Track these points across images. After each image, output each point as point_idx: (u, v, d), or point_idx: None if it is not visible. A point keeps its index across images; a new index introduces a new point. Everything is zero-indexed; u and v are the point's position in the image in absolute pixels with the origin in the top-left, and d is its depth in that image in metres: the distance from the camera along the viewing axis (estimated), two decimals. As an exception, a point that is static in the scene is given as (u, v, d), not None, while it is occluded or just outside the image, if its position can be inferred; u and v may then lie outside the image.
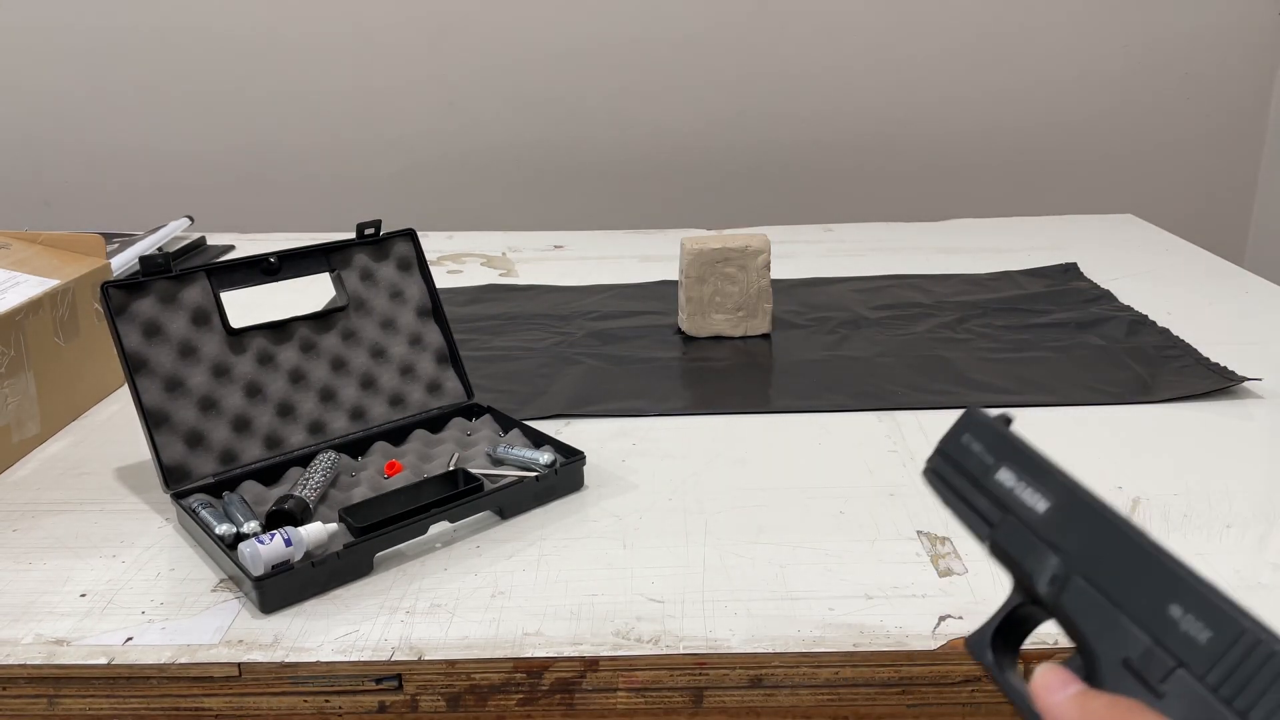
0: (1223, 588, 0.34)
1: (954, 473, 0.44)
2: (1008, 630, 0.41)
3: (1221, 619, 0.33)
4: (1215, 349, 1.01)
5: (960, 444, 0.44)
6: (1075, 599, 0.38)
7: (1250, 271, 1.31)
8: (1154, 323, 1.10)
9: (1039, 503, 0.40)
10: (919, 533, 0.71)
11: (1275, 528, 0.71)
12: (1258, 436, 0.85)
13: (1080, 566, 0.38)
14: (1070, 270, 1.30)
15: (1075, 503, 0.39)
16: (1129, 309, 1.14)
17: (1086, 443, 0.85)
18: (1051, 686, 0.36)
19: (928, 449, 0.83)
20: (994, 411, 0.43)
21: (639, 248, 1.46)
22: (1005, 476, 0.41)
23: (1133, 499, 0.75)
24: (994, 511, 0.42)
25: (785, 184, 1.87)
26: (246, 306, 0.84)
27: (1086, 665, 0.37)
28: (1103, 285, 1.24)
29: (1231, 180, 1.90)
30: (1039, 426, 0.88)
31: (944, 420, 0.90)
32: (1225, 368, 0.96)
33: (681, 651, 0.60)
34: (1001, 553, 0.41)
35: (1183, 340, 1.04)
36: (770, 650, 0.60)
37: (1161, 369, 0.98)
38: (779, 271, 1.27)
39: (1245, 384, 0.93)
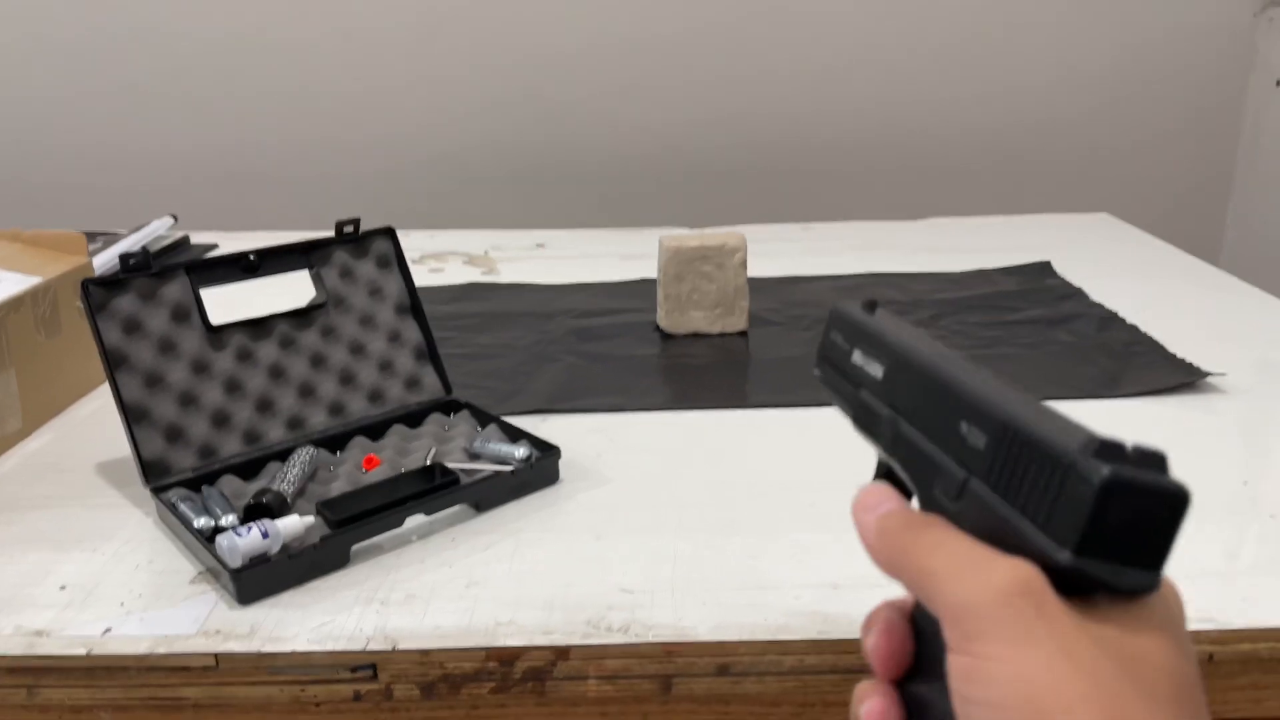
0: (1007, 390, 0.35)
1: (829, 369, 0.46)
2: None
3: (991, 420, 0.34)
4: (1184, 345, 1.03)
5: (828, 340, 0.46)
6: (902, 446, 0.39)
7: (1226, 271, 1.33)
8: (1123, 319, 1.12)
9: (878, 371, 0.42)
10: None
11: (1230, 518, 0.73)
12: (1220, 430, 0.87)
13: (904, 415, 0.39)
14: (1044, 268, 1.32)
15: (899, 359, 0.40)
16: (1100, 306, 1.16)
17: (1053, 437, 0.86)
18: (865, 505, 0.37)
19: (897, 443, 0.84)
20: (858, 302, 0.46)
21: (620, 246, 1.47)
22: (856, 356, 0.44)
23: (1095, 491, 0.77)
24: (852, 392, 0.44)
25: (765, 184, 1.88)
26: (226, 304, 0.85)
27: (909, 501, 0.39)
28: (1076, 283, 1.25)
29: (1207, 180, 1.92)
30: (1008, 421, 0.90)
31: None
32: (1190, 363, 0.98)
33: (650, 640, 0.61)
34: (860, 426, 0.43)
35: (1150, 337, 1.06)
36: (737, 638, 0.61)
37: (1129, 364, 0.99)
38: (758, 270, 1.28)
39: (1210, 379, 0.95)
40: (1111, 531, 0.29)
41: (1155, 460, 0.30)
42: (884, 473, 0.42)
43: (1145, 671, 0.29)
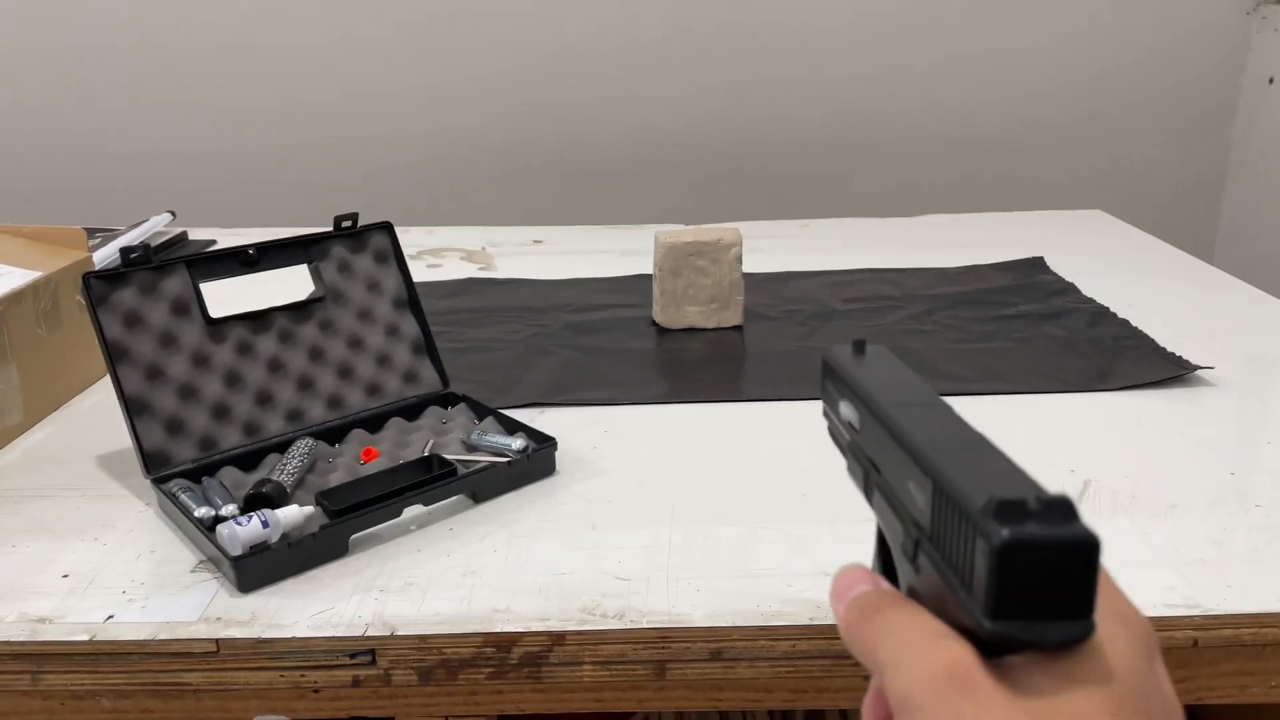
0: (958, 438, 0.33)
1: (829, 419, 0.45)
2: (883, 547, 0.41)
3: (924, 479, 0.33)
4: (1173, 340, 1.04)
5: (824, 388, 0.45)
6: (878, 501, 0.38)
7: (1219, 268, 1.34)
8: (1115, 314, 1.13)
9: (857, 422, 0.41)
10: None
11: (1216, 507, 0.74)
12: (1206, 422, 0.88)
13: (878, 470, 0.38)
14: (1037, 264, 1.33)
15: (869, 409, 0.39)
16: (1091, 301, 1.17)
17: (1044, 429, 0.87)
18: (836, 593, 0.36)
19: (890, 435, 0.85)
20: (845, 345, 0.44)
21: (617, 242, 1.48)
22: (843, 407, 0.42)
23: (1084, 481, 0.78)
24: (845, 443, 0.43)
25: (762, 181, 1.90)
26: (226, 297, 0.86)
27: (884, 562, 0.38)
28: (1068, 279, 1.27)
29: (1200, 177, 1.93)
30: (1000, 414, 0.91)
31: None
32: (1179, 357, 0.99)
33: (645, 626, 0.62)
34: (853, 480, 0.42)
35: (1141, 331, 1.07)
36: (730, 624, 0.62)
37: (1119, 359, 1.01)
38: (754, 265, 1.30)
39: (1198, 373, 0.96)
40: (1022, 592, 0.29)
41: (1060, 509, 0.29)
42: (880, 536, 0.41)
43: None
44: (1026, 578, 0.28)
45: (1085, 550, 0.29)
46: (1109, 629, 0.30)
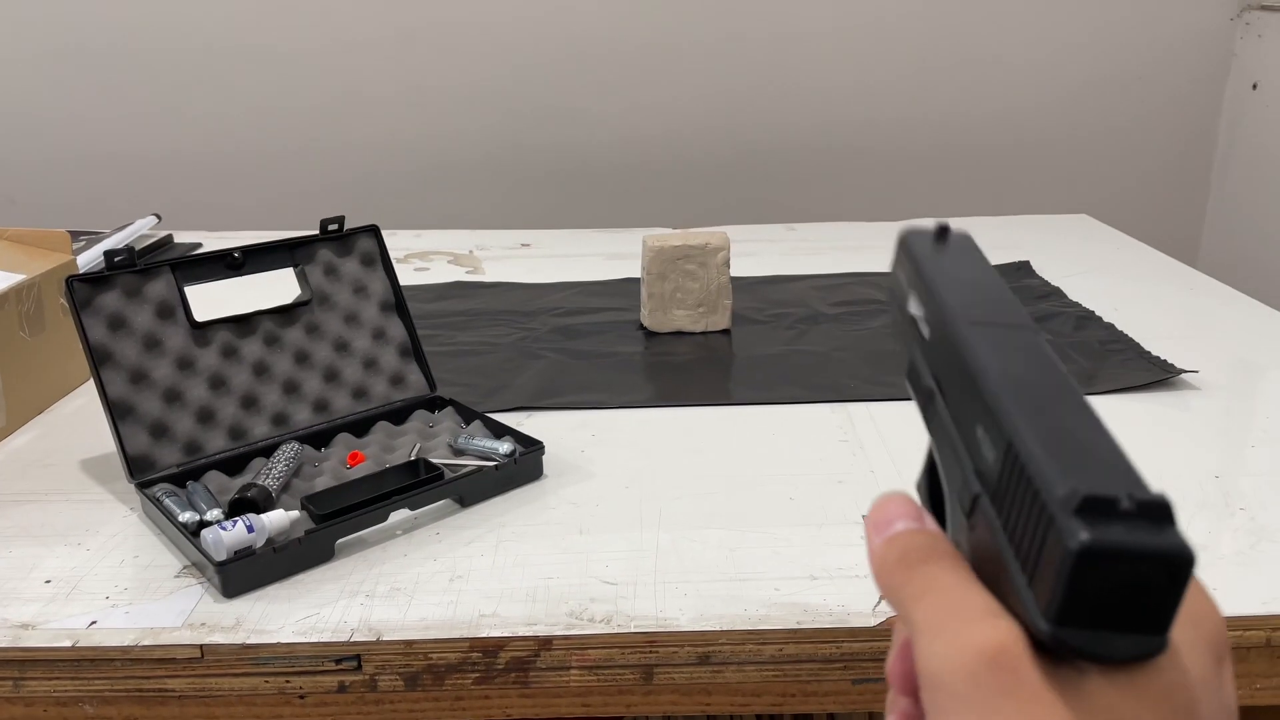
0: (1046, 387, 0.29)
1: (896, 312, 0.38)
2: (933, 475, 0.36)
3: (1001, 433, 0.28)
4: (1159, 343, 1.05)
5: (894, 276, 0.38)
6: (938, 431, 0.33)
7: (1204, 272, 1.34)
8: (1100, 318, 1.13)
9: (926, 330, 0.35)
10: (864, 518, 0.74)
11: (1202, 511, 0.74)
12: (1192, 425, 0.88)
13: (944, 393, 0.33)
14: (1023, 268, 1.33)
15: (945, 323, 0.33)
16: (1077, 305, 1.18)
17: (1030, 432, 0.88)
18: (875, 522, 0.32)
19: (878, 439, 0.86)
20: (927, 225, 0.38)
21: (605, 246, 1.48)
22: (912, 304, 0.36)
23: (1070, 485, 0.78)
24: (909, 345, 0.37)
25: (750, 185, 1.90)
26: (211, 301, 0.86)
27: (931, 490, 0.34)
28: (1054, 283, 1.27)
29: (1185, 182, 1.95)
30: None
31: (894, 411, 0.93)
32: (1165, 361, 1.00)
33: (632, 630, 0.62)
34: (912, 389, 0.36)
35: (1126, 335, 1.08)
36: (718, 628, 0.62)
37: (1104, 362, 1.01)
38: (742, 269, 1.30)
39: (1183, 376, 0.97)
40: (1095, 601, 0.25)
41: (1156, 512, 0.25)
42: (930, 460, 0.36)
43: None
44: (1102, 587, 0.25)
45: (1177, 565, 0.25)
46: (1181, 632, 0.27)
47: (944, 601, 0.28)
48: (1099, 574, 0.24)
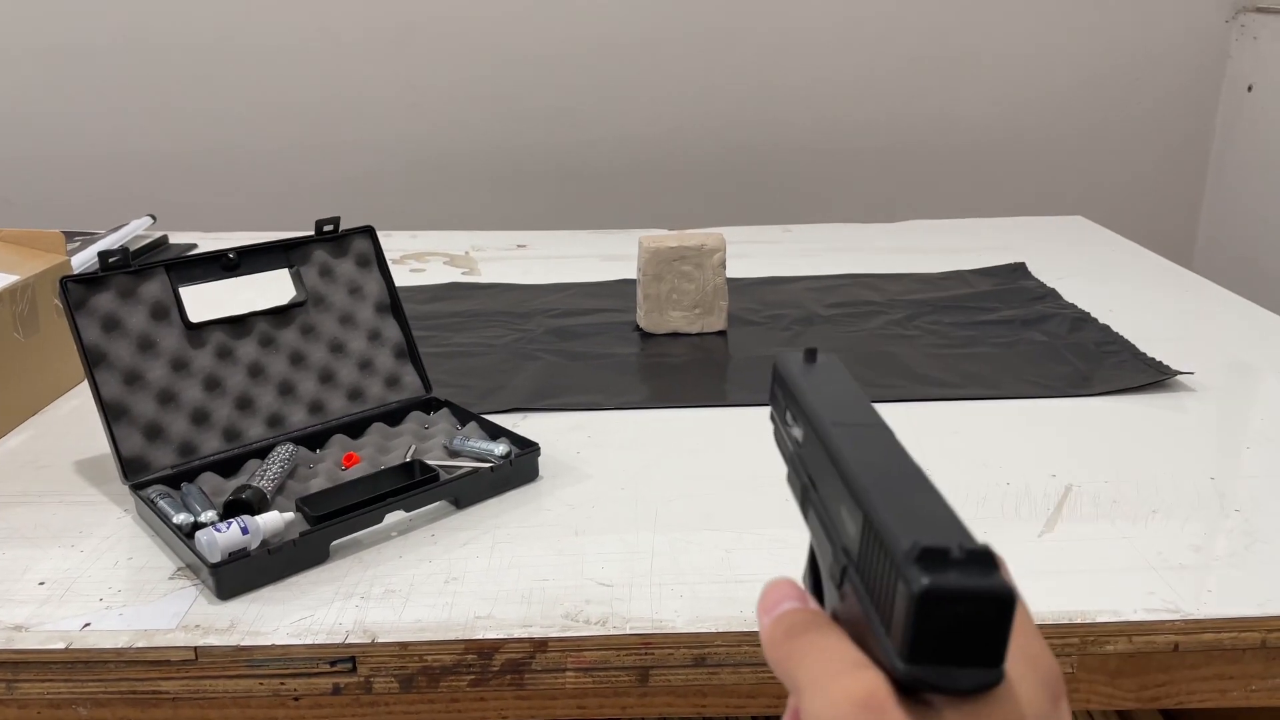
0: (893, 467, 0.33)
1: (775, 425, 0.44)
2: (814, 564, 0.40)
3: (857, 509, 0.33)
4: (1154, 345, 1.05)
5: (772, 393, 0.44)
6: (812, 517, 0.38)
7: (1199, 274, 1.35)
8: (1095, 320, 1.13)
9: (799, 434, 0.40)
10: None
11: (1197, 512, 0.74)
12: (1187, 427, 0.88)
13: (815, 486, 0.38)
14: (1018, 270, 1.34)
15: (809, 424, 0.38)
16: (1072, 306, 1.18)
17: (1025, 434, 0.88)
18: (763, 607, 0.36)
19: (872, 440, 0.86)
20: (797, 352, 0.43)
21: (601, 247, 1.48)
22: (788, 416, 0.41)
23: (1065, 486, 0.78)
24: (787, 453, 0.42)
25: (746, 186, 1.90)
26: (206, 302, 0.86)
27: (814, 578, 0.38)
28: (1049, 284, 1.27)
29: (1180, 184, 1.95)
30: (981, 419, 0.91)
31: (891, 411, 0.94)
32: (1160, 362, 1.00)
33: (628, 632, 0.62)
34: (792, 490, 0.41)
35: (1122, 336, 1.08)
36: (713, 630, 0.62)
37: (1100, 364, 1.01)
38: (737, 270, 1.30)
39: (1178, 378, 0.97)
40: (938, 638, 0.29)
41: (983, 559, 0.30)
42: (812, 552, 0.41)
43: None
44: (942, 625, 0.29)
45: (1001, 602, 0.29)
46: (1018, 671, 0.31)
47: (820, 660, 0.32)
48: (938, 613, 0.29)
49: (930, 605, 0.29)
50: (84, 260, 1.24)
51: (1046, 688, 0.32)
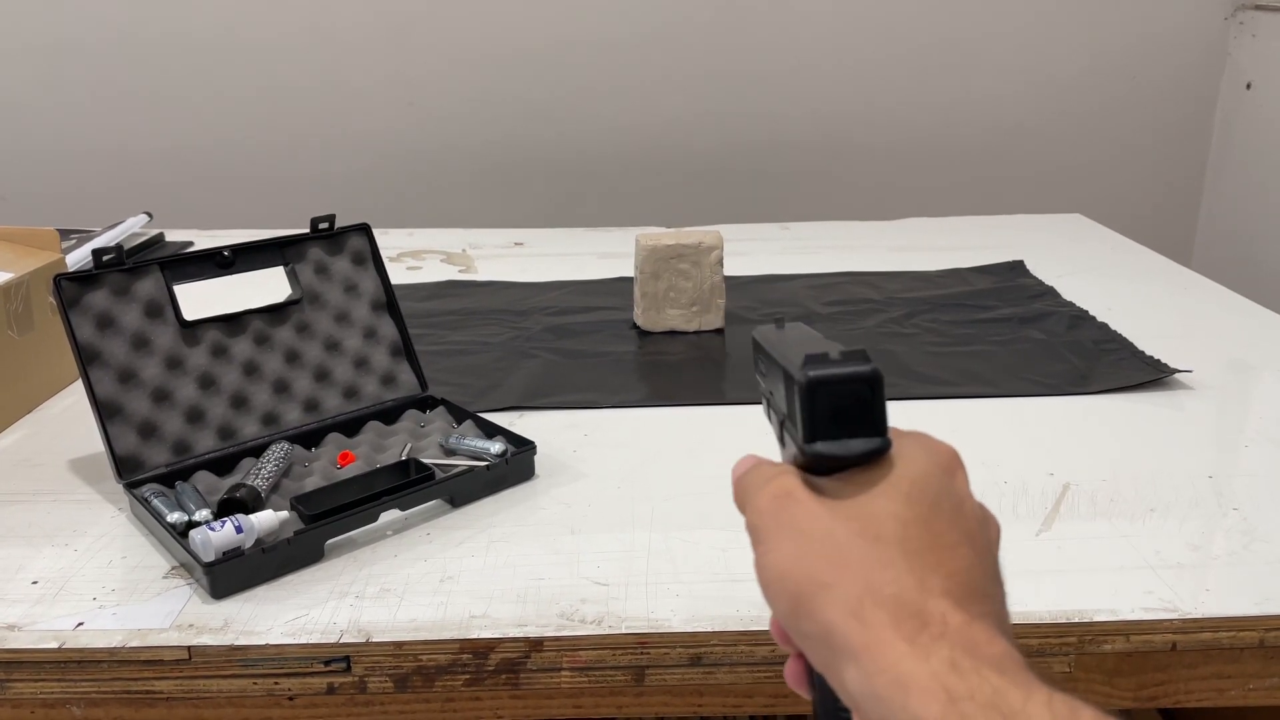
0: (810, 341, 0.41)
1: (760, 386, 0.50)
2: None
3: (782, 373, 0.41)
4: (1152, 343, 1.05)
5: (755, 363, 0.50)
6: (773, 419, 0.46)
7: (1198, 271, 1.34)
8: (1094, 318, 1.13)
9: (765, 369, 0.47)
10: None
11: (1195, 511, 0.74)
12: (1185, 425, 0.88)
13: (772, 394, 0.45)
14: (1017, 268, 1.33)
15: (769, 358, 0.45)
16: (1071, 304, 1.18)
17: (1023, 432, 0.88)
18: (735, 470, 0.43)
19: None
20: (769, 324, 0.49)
21: (598, 245, 1.48)
22: (761, 364, 0.48)
23: (1063, 484, 0.78)
24: (764, 391, 0.49)
25: (744, 183, 1.89)
26: (201, 300, 0.85)
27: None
28: (1048, 282, 1.27)
29: (1179, 181, 1.95)
30: (979, 417, 0.91)
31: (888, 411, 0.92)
32: (1158, 360, 1.00)
33: (624, 631, 0.62)
34: (767, 412, 0.48)
35: (1120, 334, 1.07)
36: (710, 629, 0.62)
37: (1098, 362, 1.01)
38: (735, 268, 1.29)
39: (1177, 376, 0.97)
40: (827, 417, 0.37)
41: (854, 356, 0.38)
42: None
43: (872, 523, 0.36)
44: (829, 407, 0.37)
45: (871, 381, 0.37)
46: (910, 454, 0.38)
47: (753, 480, 0.41)
48: (823, 396, 0.38)
49: (815, 390, 0.37)
50: (79, 258, 1.24)
51: (936, 462, 0.38)
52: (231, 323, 0.83)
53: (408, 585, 0.66)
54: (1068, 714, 0.30)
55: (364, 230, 0.91)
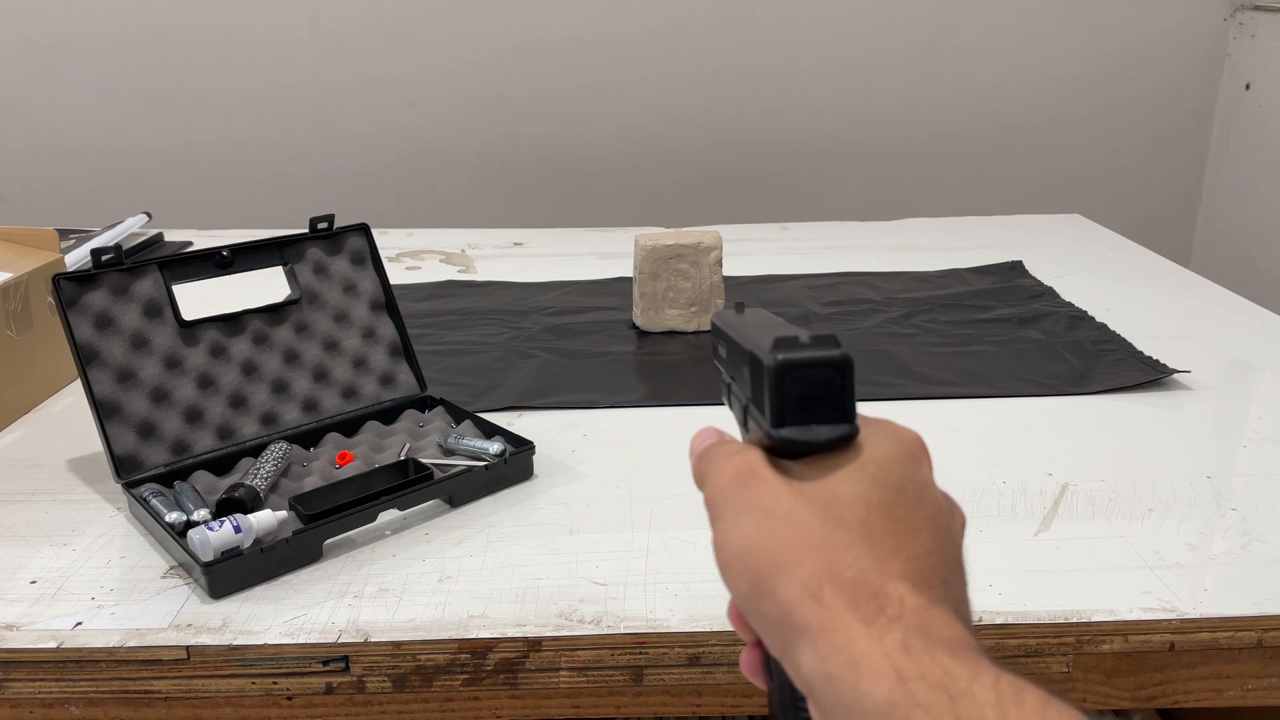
0: (772, 327, 0.40)
1: (718, 370, 0.50)
2: None
3: (746, 358, 0.40)
4: (1151, 344, 1.05)
5: (714, 349, 0.49)
6: (734, 405, 0.45)
7: (1196, 272, 1.34)
8: (1092, 318, 1.13)
9: (724, 354, 0.47)
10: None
11: (1194, 511, 0.74)
12: (1184, 426, 0.88)
13: (733, 379, 0.45)
14: (1016, 268, 1.33)
15: (729, 341, 0.45)
16: (1070, 305, 1.18)
17: (1022, 432, 0.88)
18: (693, 446, 0.43)
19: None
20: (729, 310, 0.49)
21: (597, 245, 1.48)
22: (721, 349, 0.47)
23: (1062, 484, 0.78)
24: (724, 382, 0.48)
25: (743, 184, 1.90)
26: (200, 300, 0.85)
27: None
28: (1047, 282, 1.27)
29: (1178, 182, 1.95)
30: (978, 417, 0.91)
31: (885, 411, 0.93)
32: (1157, 361, 1.00)
33: (622, 631, 0.62)
34: (724, 391, 0.48)
35: (1119, 335, 1.07)
36: (708, 629, 0.62)
37: (1097, 362, 1.01)
38: (735, 269, 1.29)
39: (1175, 376, 0.97)
40: (796, 403, 0.36)
41: (824, 341, 0.37)
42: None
43: (835, 506, 0.35)
44: (797, 391, 0.36)
45: (841, 366, 0.36)
46: (876, 440, 0.38)
47: (714, 458, 0.40)
48: (792, 380, 0.36)
49: (784, 374, 0.36)
50: (78, 258, 1.24)
51: (902, 448, 0.38)
52: (230, 323, 0.83)
53: (406, 585, 0.66)
54: (1013, 694, 0.30)
55: (363, 230, 0.91)
